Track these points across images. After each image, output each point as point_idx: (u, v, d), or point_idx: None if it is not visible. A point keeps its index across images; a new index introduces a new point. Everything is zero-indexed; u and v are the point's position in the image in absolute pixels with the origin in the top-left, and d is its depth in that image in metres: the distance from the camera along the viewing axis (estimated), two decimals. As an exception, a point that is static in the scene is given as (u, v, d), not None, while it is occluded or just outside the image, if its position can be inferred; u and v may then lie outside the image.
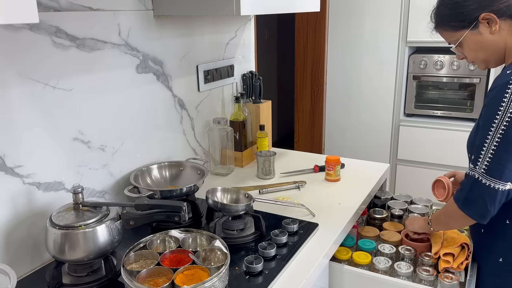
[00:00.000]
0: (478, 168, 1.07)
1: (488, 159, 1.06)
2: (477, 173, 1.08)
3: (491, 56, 1.15)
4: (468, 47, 1.15)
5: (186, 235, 1.14)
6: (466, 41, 1.14)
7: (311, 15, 3.10)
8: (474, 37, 1.12)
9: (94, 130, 1.30)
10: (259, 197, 1.47)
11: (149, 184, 1.46)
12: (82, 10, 1.21)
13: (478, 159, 1.07)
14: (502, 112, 1.03)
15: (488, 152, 1.06)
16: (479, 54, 1.15)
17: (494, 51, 1.13)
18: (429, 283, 1.23)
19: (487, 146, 1.06)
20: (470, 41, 1.13)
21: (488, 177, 1.06)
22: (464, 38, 1.14)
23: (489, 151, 1.05)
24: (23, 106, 1.09)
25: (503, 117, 1.03)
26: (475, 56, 1.16)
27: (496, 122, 1.04)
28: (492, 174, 1.05)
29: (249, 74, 1.97)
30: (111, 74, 1.33)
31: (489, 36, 1.11)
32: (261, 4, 1.39)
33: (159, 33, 1.50)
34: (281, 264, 1.14)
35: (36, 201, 1.15)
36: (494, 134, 1.04)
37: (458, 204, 1.13)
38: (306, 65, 3.24)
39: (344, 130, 3.19)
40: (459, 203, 1.13)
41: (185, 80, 1.66)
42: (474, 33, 1.12)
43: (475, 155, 1.09)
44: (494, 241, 1.20)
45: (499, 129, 1.04)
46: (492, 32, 1.10)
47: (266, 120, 1.97)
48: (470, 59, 1.19)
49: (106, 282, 1.09)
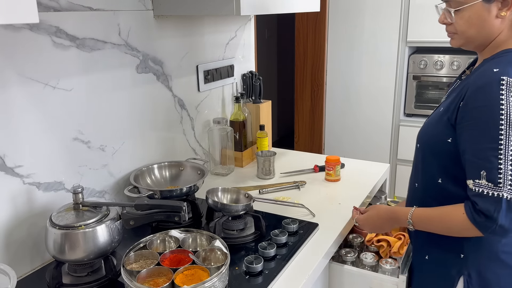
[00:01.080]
0: (504, 186, 0.94)
1: (511, 172, 0.94)
2: (505, 193, 0.94)
3: (479, 39, 1.06)
4: (468, 17, 1.03)
5: (186, 235, 1.14)
6: (471, 10, 1.02)
7: (311, 15, 3.10)
8: (481, 12, 1.01)
9: (94, 130, 1.30)
10: (259, 197, 1.47)
11: (149, 184, 1.46)
12: (82, 10, 1.21)
13: (499, 175, 0.94)
14: (505, 116, 0.93)
15: (507, 165, 0.94)
16: (471, 29, 1.04)
17: (485, 35, 1.05)
18: (371, 268, 1.30)
19: (504, 158, 0.94)
20: (475, 13, 1.02)
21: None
22: (471, 7, 1.02)
23: (508, 163, 0.94)
24: (23, 106, 1.09)
25: (508, 122, 0.93)
26: (465, 30, 1.05)
27: (503, 127, 0.94)
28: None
29: (249, 74, 1.97)
30: (111, 74, 1.33)
31: (493, 19, 1.01)
32: (261, 4, 1.39)
33: (159, 33, 1.50)
34: (281, 264, 1.14)
35: (36, 201, 1.15)
36: (507, 142, 0.94)
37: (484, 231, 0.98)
38: (306, 65, 3.24)
39: (344, 130, 3.19)
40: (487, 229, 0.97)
41: (185, 80, 1.66)
42: (484, 8, 1.01)
43: (489, 170, 0.95)
44: (423, 237, 1.15)
45: (510, 135, 0.94)
46: (499, 16, 1.01)
47: (266, 120, 1.97)
48: (454, 30, 1.08)
49: (106, 282, 1.09)
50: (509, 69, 0.96)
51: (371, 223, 1.25)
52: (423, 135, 1.14)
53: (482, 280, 1.07)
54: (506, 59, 1.01)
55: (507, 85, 0.94)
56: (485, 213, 0.95)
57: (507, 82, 0.94)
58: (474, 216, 0.98)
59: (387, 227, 1.24)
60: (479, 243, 1.06)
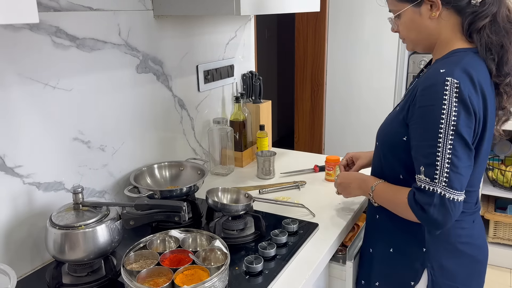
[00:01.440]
0: (439, 182, 0.99)
1: (446, 169, 0.98)
2: (439, 188, 0.99)
3: (422, 41, 1.11)
4: (404, 22, 1.11)
5: (186, 235, 1.14)
6: (405, 16, 1.09)
7: (311, 15, 3.10)
8: (413, 15, 1.08)
9: (94, 130, 1.30)
10: (259, 197, 1.47)
11: (149, 184, 1.46)
12: (82, 10, 1.21)
13: (435, 171, 0.99)
14: (446, 116, 0.97)
15: (444, 162, 0.98)
16: (411, 33, 1.11)
17: (426, 37, 1.10)
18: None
19: (441, 155, 0.98)
20: (408, 17, 1.09)
21: (451, 190, 0.98)
22: (404, 12, 1.09)
23: (445, 160, 0.98)
24: (23, 106, 1.09)
25: (448, 122, 0.97)
26: (407, 34, 1.13)
27: (443, 127, 0.97)
28: (454, 186, 0.98)
29: (249, 74, 1.97)
30: (111, 74, 1.33)
31: (427, 21, 1.06)
32: (261, 4, 1.39)
33: (159, 33, 1.50)
34: (281, 264, 1.14)
35: (36, 201, 1.15)
36: (445, 142, 0.98)
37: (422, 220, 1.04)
38: (306, 65, 3.24)
39: (344, 130, 3.19)
40: (424, 221, 1.03)
41: (185, 80, 1.66)
42: (415, 11, 1.07)
43: (427, 166, 1.00)
44: (387, 231, 1.20)
45: (448, 135, 0.97)
46: (431, 17, 1.05)
47: (266, 120, 1.97)
48: (402, 36, 1.15)
49: (106, 282, 1.09)
50: (454, 70, 0.99)
51: (344, 181, 1.33)
52: (381, 134, 1.19)
53: (445, 271, 1.12)
54: (452, 60, 1.03)
55: (451, 86, 0.97)
56: (422, 205, 1.02)
57: (451, 83, 0.97)
58: (413, 206, 1.04)
59: (355, 186, 1.29)
60: (438, 237, 1.11)
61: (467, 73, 0.99)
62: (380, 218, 1.22)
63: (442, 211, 0.99)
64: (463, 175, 0.99)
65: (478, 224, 1.18)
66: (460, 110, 0.97)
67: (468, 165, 1.01)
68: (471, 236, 1.14)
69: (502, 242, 2.77)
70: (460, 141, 0.98)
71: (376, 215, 1.24)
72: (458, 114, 0.97)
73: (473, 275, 1.16)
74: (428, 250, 1.12)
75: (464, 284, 1.14)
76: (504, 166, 2.75)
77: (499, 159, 2.81)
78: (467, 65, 1.00)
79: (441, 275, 1.12)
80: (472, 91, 0.99)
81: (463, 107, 0.97)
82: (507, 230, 2.75)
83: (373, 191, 1.19)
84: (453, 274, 1.13)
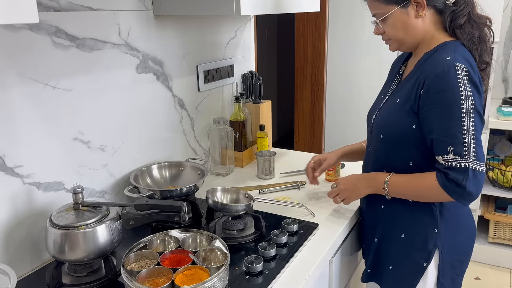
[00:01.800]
0: (469, 157, 1.07)
1: (473, 145, 1.07)
2: (470, 163, 1.07)
3: (408, 40, 1.19)
4: (392, 24, 1.18)
5: (186, 235, 1.14)
6: (392, 17, 1.17)
7: (311, 15, 3.10)
8: (401, 16, 1.16)
9: (94, 130, 1.30)
10: (259, 197, 1.47)
11: (149, 184, 1.46)
12: (82, 10, 1.21)
13: (464, 148, 1.07)
14: (464, 98, 1.06)
15: (470, 140, 1.07)
16: (398, 33, 1.18)
17: (412, 36, 1.18)
18: None
19: (467, 133, 1.07)
20: (396, 18, 1.16)
21: (479, 163, 1.08)
22: (392, 14, 1.16)
23: (471, 137, 1.07)
24: (23, 106, 1.09)
25: (467, 103, 1.06)
26: (394, 35, 1.19)
27: (464, 108, 1.06)
28: (480, 159, 1.08)
29: (249, 74, 1.97)
30: (111, 74, 1.33)
31: (414, 20, 1.15)
32: (261, 4, 1.39)
33: (159, 33, 1.50)
34: (281, 264, 1.14)
35: (36, 201, 1.15)
36: (468, 120, 1.06)
37: (456, 197, 1.11)
38: (306, 65, 3.23)
39: (344, 130, 3.19)
40: (459, 196, 1.10)
41: (185, 80, 1.66)
42: (402, 12, 1.15)
43: (455, 145, 1.07)
44: (397, 217, 1.27)
45: (469, 114, 1.06)
46: (418, 16, 1.15)
47: (266, 120, 1.97)
48: (387, 37, 1.22)
49: (106, 282, 1.09)
50: (457, 56, 1.09)
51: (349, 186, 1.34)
52: (385, 126, 1.23)
53: (452, 248, 1.23)
54: (450, 48, 1.13)
55: (461, 70, 1.07)
56: (456, 181, 1.09)
57: (460, 68, 1.07)
58: (446, 184, 1.11)
59: (362, 186, 1.30)
60: (448, 216, 1.21)
61: (466, 59, 1.11)
62: (388, 207, 1.28)
63: (476, 183, 1.08)
64: (482, 146, 1.10)
65: None
66: (473, 90, 1.07)
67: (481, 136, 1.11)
68: (469, 213, 1.29)
69: (502, 242, 2.77)
70: (478, 117, 1.08)
71: (381, 205, 1.29)
72: (473, 94, 1.07)
73: (470, 247, 1.30)
74: (440, 230, 1.20)
75: (465, 256, 1.28)
76: (504, 166, 2.75)
77: (499, 159, 2.81)
78: (463, 52, 1.13)
79: (449, 253, 1.22)
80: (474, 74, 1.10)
81: (475, 88, 1.08)
82: (507, 230, 2.75)
83: (388, 185, 1.23)
84: (458, 249, 1.25)
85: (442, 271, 1.21)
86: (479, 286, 2.59)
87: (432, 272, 1.22)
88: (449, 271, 1.23)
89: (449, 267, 1.22)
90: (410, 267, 1.24)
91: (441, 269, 1.21)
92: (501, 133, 2.84)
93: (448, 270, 1.23)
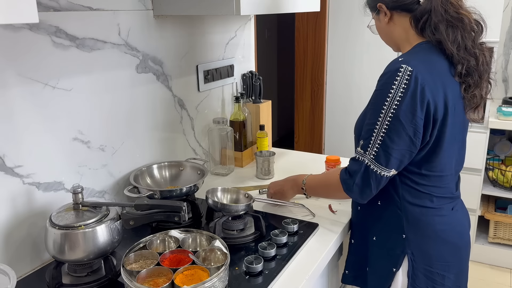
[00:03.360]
0: (368, 154, 1.11)
1: (377, 145, 1.09)
2: (367, 159, 1.11)
3: (390, 42, 1.25)
4: (375, 28, 1.27)
5: (186, 235, 1.14)
6: (374, 22, 1.26)
7: (311, 15, 3.10)
8: (377, 23, 1.24)
9: (94, 130, 1.30)
10: (259, 197, 1.47)
11: (149, 184, 1.46)
12: (82, 10, 1.21)
13: (368, 145, 1.10)
14: (390, 100, 1.06)
15: (377, 139, 1.09)
16: (382, 37, 1.26)
17: (389, 39, 1.24)
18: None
19: (376, 133, 1.09)
20: (376, 24, 1.25)
21: (377, 164, 1.10)
22: (373, 20, 1.26)
23: (378, 137, 1.09)
24: (23, 106, 1.09)
25: (390, 105, 1.06)
26: (381, 38, 1.27)
27: (385, 109, 1.07)
28: (380, 161, 1.09)
29: (249, 74, 1.97)
30: (111, 74, 1.33)
31: (385, 25, 1.21)
32: (261, 4, 1.39)
33: (159, 33, 1.50)
34: (281, 264, 1.14)
35: (36, 201, 1.15)
36: (383, 122, 1.08)
37: (344, 186, 1.17)
38: (306, 65, 3.24)
39: (344, 130, 3.19)
40: (346, 186, 1.16)
41: (185, 80, 1.66)
42: (377, 19, 1.23)
43: (364, 140, 1.12)
44: (369, 220, 1.26)
45: (387, 116, 1.07)
46: (386, 22, 1.19)
47: (266, 120, 1.97)
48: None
49: (106, 282, 1.09)
50: (412, 59, 1.07)
51: (277, 189, 1.45)
52: (356, 127, 1.24)
53: (425, 257, 1.17)
54: (412, 51, 1.14)
55: (403, 73, 1.05)
56: (349, 171, 1.16)
57: (404, 70, 1.05)
58: (342, 174, 1.18)
59: (288, 188, 1.42)
60: (417, 224, 1.16)
61: (425, 61, 1.09)
62: (362, 209, 1.28)
63: (365, 179, 1.12)
64: (392, 155, 1.08)
65: (460, 211, 1.23)
66: (406, 96, 1.05)
67: (404, 150, 1.08)
68: (450, 223, 1.19)
69: (502, 242, 2.77)
70: (397, 125, 1.06)
71: (358, 207, 1.30)
72: (401, 100, 1.05)
73: (453, 261, 1.20)
74: (408, 236, 1.17)
75: (443, 269, 1.19)
76: (504, 166, 2.75)
77: (499, 159, 2.81)
78: (425, 54, 1.11)
79: (421, 261, 1.17)
80: (428, 79, 1.06)
81: (410, 94, 1.05)
82: (507, 230, 2.75)
83: (305, 184, 1.35)
84: (433, 259, 1.17)
85: (412, 280, 1.17)
86: (479, 286, 2.59)
87: (401, 279, 1.18)
88: (423, 281, 1.17)
89: (423, 277, 1.17)
90: (381, 270, 1.22)
91: (412, 277, 1.17)
92: (501, 133, 2.84)
93: (422, 280, 1.17)
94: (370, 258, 1.27)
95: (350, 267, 1.35)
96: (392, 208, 1.18)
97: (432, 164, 1.13)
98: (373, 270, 1.26)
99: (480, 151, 2.63)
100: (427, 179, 1.15)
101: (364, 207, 1.26)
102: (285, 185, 1.43)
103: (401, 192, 1.16)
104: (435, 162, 1.13)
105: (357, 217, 1.32)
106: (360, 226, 1.30)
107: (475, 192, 2.70)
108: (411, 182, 1.15)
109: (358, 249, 1.32)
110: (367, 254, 1.28)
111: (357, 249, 1.32)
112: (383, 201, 1.20)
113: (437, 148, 1.12)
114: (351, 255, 1.35)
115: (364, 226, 1.28)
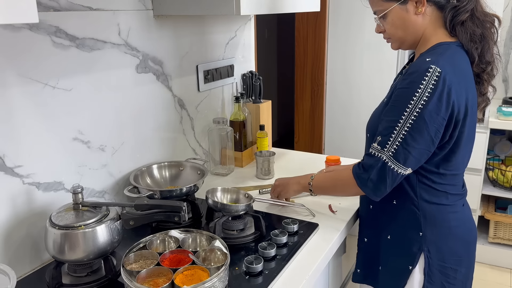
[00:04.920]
0: (387, 151, 1.09)
1: (398, 142, 1.07)
2: (385, 156, 1.09)
3: (408, 37, 1.17)
4: (392, 21, 1.15)
5: (186, 235, 1.14)
6: (392, 14, 1.14)
7: (311, 15, 3.10)
8: (400, 13, 1.13)
9: (94, 130, 1.30)
10: (259, 197, 1.47)
11: (149, 184, 1.46)
12: (82, 10, 1.21)
13: (388, 141, 1.08)
14: (416, 99, 1.04)
15: (398, 137, 1.07)
16: (398, 31, 1.16)
17: (412, 33, 1.15)
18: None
19: (398, 130, 1.07)
20: (395, 15, 1.14)
21: (395, 161, 1.08)
22: (391, 10, 1.14)
23: (399, 135, 1.07)
24: (22, 106, 1.09)
25: (416, 104, 1.04)
26: (394, 33, 1.17)
27: (410, 108, 1.05)
28: (398, 159, 1.08)
29: (249, 74, 1.97)
30: (111, 74, 1.33)
31: (413, 17, 1.13)
32: (261, 4, 1.39)
33: (159, 33, 1.50)
34: (281, 264, 1.14)
35: (35, 201, 1.15)
36: (406, 120, 1.06)
37: (358, 181, 1.15)
38: (306, 65, 3.23)
39: (344, 130, 3.19)
40: (360, 180, 1.14)
41: (185, 80, 1.66)
42: (402, 9, 1.13)
43: (383, 137, 1.10)
44: (383, 218, 1.26)
45: (411, 115, 1.05)
46: (417, 13, 1.12)
47: (266, 120, 1.97)
48: (387, 35, 1.21)
49: (106, 282, 1.09)
50: (440, 60, 1.06)
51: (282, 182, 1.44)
52: (370, 125, 1.25)
53: (440, 254, 1.18)
54: (438, 51, 1.10)
55: (432, 73, 1.04)
56: (364, 166, 1.14)
57: (433, 71, 1.04)
58: (356, 169, 1.16)
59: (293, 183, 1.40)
60: (434, 221, 1.17)
61: (451, 63, 1.07)
62: (374, 207, 1.28)
63: (381, 175, 1.10)
64: (412, 154, 1.07)
65: (467, 207, 1.26)
66: (433, 96, 1.04)
67: (423, 149, 1.08)
68: (461, 219, 1.22)
69: (502, 242, 2.77)
70: (421, 125, 1.05)
71: (370, 205, 1.29)
72: (428, 100, 1.04)
73: (464, 256, 1.23)
74: (425, 234, 1.17)
75: (456, 264, 1.21)
76: (504, 166, 2.75)
77: (499, 159, 2.81)
78: (451, 56, 1.09)
79: (436, 257, 1.18)
80: (454, 81, 1.05)
81: (437, 95, 1.04)
82: (507, 230, 2.75)
83: (313, 179, 1.33)
84: (447, 256, 1.19)
85: (428, 276, 1.18)
86: (479, 286, 2.59)
87: (418, 276, 1.19)
88: (438, 276, 1.19)
89: (438, 273, 1.19)
90: (396, 269, 1.23)
91: (428, 274, 1.18)
92: (501, 133, 2.84)
93: (437, 276, 1.19)
94: (383, 257, 1.26)
95: (361, 265, 1.35)
96: (409, 207, 1.18)
97: (449, 164, 1.15)
98: (386, 268, 1.26)
99: (480, 151, 2.64)
100: (444, 177, 1.16)
101: (377, 206, 1.25)
102: (291, 179, 1.42)
103: (418, 191, 1.17)
104: (452, 162, 1.14)
105: (368, 215, 1.32)
106: (373, 225, 1.30)
107: (475, 192, 2.70)
108: (428, 181, 1.16)
109: (370, 248, 1.31)
110: (379, 252, 1.27)
111: (369, 247, 1.32)
112: (399, 199, 1.20)
113: (456, 148, 1.13)
114: (362, 253, 1.35)
115: (377, 225, 1.28)
